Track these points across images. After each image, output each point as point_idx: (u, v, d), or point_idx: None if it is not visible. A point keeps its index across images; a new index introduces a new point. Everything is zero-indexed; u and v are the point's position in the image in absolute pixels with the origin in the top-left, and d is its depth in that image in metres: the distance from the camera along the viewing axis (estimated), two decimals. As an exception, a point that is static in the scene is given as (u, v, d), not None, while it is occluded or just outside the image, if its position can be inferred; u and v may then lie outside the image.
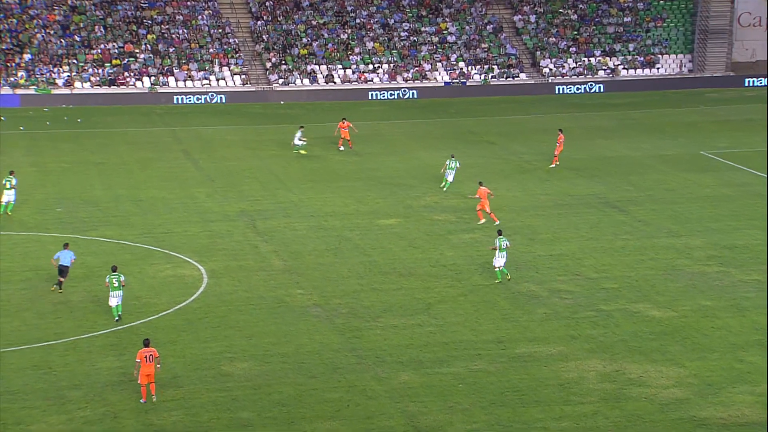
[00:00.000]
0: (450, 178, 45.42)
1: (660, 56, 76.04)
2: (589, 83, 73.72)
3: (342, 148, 53.68)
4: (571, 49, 76.15)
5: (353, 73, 73.59)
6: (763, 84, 73.33)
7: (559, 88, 73.48)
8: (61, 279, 32.23)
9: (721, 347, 28.30)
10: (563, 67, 75.09)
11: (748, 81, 73.67)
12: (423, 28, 77.02)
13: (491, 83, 73.64)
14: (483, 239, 38.48)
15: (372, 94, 71.78)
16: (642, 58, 75.67)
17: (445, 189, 45.16)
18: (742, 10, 77.29)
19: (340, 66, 73.74)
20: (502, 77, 74.35)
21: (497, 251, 33.53)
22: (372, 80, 73.60)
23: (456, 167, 45.61)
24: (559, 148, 49.51)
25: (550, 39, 76.69)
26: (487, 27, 77.34)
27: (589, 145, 55.60)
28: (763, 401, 25.02)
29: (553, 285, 33.60)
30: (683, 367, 27.05)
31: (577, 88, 73.54)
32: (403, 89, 72.33)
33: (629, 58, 75.62)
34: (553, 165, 49.36)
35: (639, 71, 75.35)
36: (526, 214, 41.98)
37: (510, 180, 48.02)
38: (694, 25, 76.76)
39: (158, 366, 25.39)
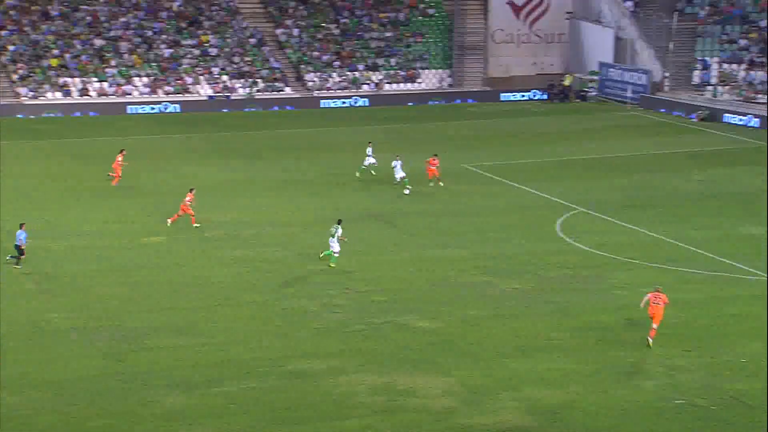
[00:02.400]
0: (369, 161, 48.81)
1: (421, 71, 78.46)
2: (353, 97, 75.06)
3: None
4: (334, 63, 77.33)
5: (110, 86, 71.76)
6: (517, 98, 76.95)
7: (324, 102, 74.41)
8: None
9: (486, 355, 29.46)
10: (327, 81, 76.14)
11: (504, 95, 77.16)
12: (183, 41, 76.12)
13: (256, 97, 73.66)
14: (254, 256, 38.39)
15: (131, 108, 70.21)
16: (404, 73, 77.82)
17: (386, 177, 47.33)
18: (496, 27, 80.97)
19: (96, 79, 71.74)
20: (267, 91, 74.54)
21: (331, 237, 36.46)
22: (131, 93, 72.00)
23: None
24: (432, 171, 49.16)
25: (314, 53, 77.60)
26: (250, 40, 77.36)
27: (359, 160, 56.60)
28: (525, 406, 26.22)
29: (325, 299, 33.95)
30: (451, 376, 27.96)
31: (342, 102, 74.71)
32: (164, 103, 71.15)
33: (392, 72, 77.60)
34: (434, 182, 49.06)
35: (402, 85, 77.44)
36: (297, 229, 42.22)
37: (279, 195, 48.17)
38: (452, 41, 79.72)
39: None
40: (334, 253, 37.05)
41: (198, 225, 41.49)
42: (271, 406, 26.15)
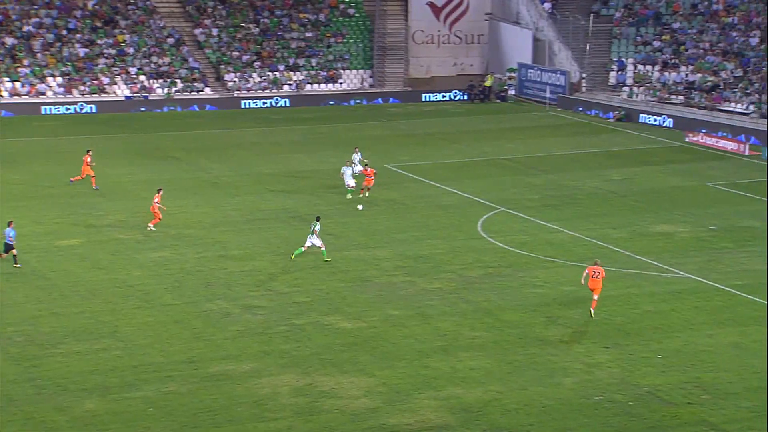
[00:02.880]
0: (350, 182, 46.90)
1: (342, 71, 78.41)
2: (274, 97, 74.70)
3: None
4: (255, 63, 76.88)
5: (23, 86, 70.34)
6: (438, 99, 77.38)
7: (244, 103, 73.92)
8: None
9: (408, 355, 29.53)
10: (248, 81, 75.67)
11: (425, 96, 77.52)
12: (99, 40, 74.97)
13: (175, 97, 72.86)
14: (172, 258, 37.96)
15: (45, 109, 68.91)
16: (325, 73, 77.69)
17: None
18: (416, 27, 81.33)
19: (8, 78, 70.27)
20: (186, 91, 73.80)
21: (310, 234, 37.26)
22: (44, 93, 70.69)
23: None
24: (369, 181, 47.35)
25: (234, 53, 77.05)
26: (168, 40, 76.51)
27: (278, 159, 56.35)
28: (446, 405, 26.35)
29: (246, 301, 33.72)
30: (373, 376, 27.97)
31: (264, 103, 74.29)
32: (80, 103, 69.97)
33: (313, 72, 77.42)
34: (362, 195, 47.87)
35: (323, 86, 77.30)
36: (217, 230, 41.88)
37: (199, 196, 47.72)
38: (373, 41, 79.83)
39: None
40: (320, 248, 37.48)
41: (152, 228, 40.82)
42: (190, 409, 25.87)
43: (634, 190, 49.45)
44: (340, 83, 77.92)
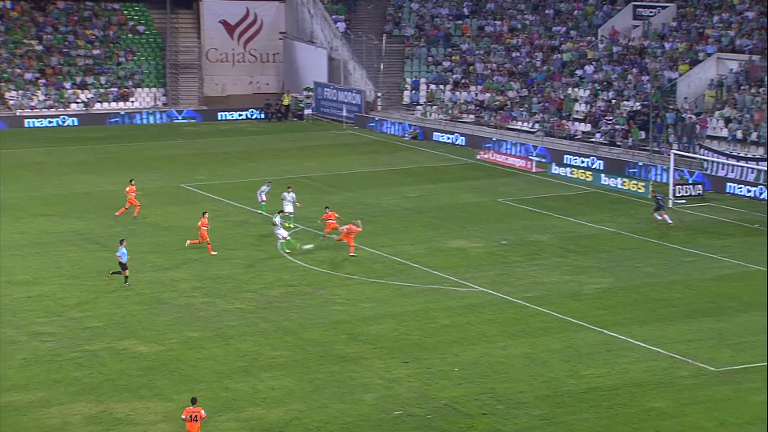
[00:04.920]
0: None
1: (134, 89, 76.90)
2: (61, 116, 72.46)
3: None
4: (39, 81, 74.39)
5: None
6: (234, 117, 77.01)
7: (29, 122, 71.35)
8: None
9: (207, 377, 29.19)
10: (32, 100, 73.11)
11: (221, 115, 76.98)
12: None
13: (-47, 116, 69.60)
14: (-49, 285, 36.19)
15: None
16: (116, 91, 75.98)
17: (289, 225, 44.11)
18: (210, 46, 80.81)
19: None
20: (-35, 110, 70.67)
21: (274, 227, 40.09)
22: None
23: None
24: (331, 225, 43.64)
25: (15, 70, 74.31)
26: (-54, 56, 73.11)
27: (67, 181, 54.66)
28: (247, 427, 26.18)
29: (34, 328, 32.51)
30: (171, 400, 27.48)
31: (49, 122, 71.94)
32: None
33: (102, 91, 75.56)
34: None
35: (113, 104, 75.56)
36: (1, 255, 40.20)
37: (-21, 220, 45.72)
38: (165, 59, 78.74)
39: None
40: (286, 238, 40.52)
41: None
42: (-24, 444, 24.71)
43: (430, 207, 50.68)
44: (132, 102, 76.39)
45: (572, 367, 30.31)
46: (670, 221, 46.64)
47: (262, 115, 77.51)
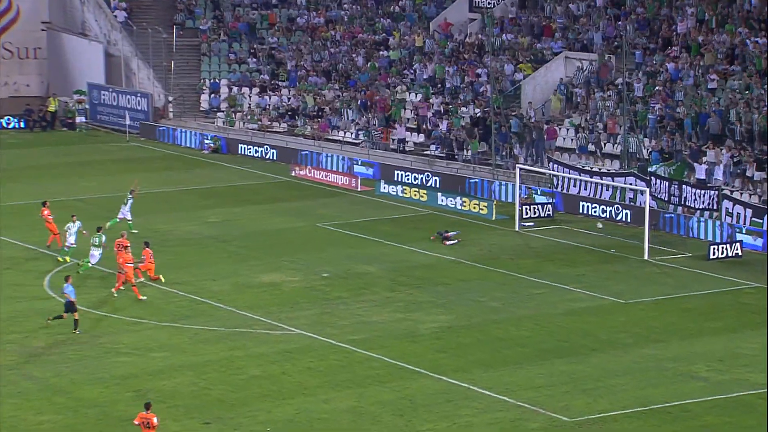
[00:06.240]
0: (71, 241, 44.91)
1: None
2: None
3: None
4: None
5: None
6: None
7: None
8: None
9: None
10: None
11: None
12: None
13: None
14: None
15: None
16: None
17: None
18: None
19: None
20: None
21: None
22: None
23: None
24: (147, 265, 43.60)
25: None
26: None
27: None
28: None
29: None
30: None
31: None
32: None
33: None
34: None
35: None
36: None
37: None
38: None
39: None
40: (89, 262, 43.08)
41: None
42: None
43: (236, 234, 50.51)
44: None
45: (407, 422, 30.68)
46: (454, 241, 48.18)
47: (22, 124, 75.72)
